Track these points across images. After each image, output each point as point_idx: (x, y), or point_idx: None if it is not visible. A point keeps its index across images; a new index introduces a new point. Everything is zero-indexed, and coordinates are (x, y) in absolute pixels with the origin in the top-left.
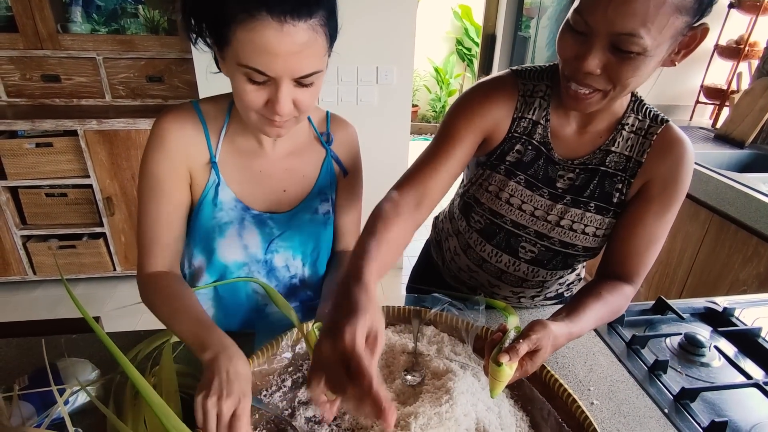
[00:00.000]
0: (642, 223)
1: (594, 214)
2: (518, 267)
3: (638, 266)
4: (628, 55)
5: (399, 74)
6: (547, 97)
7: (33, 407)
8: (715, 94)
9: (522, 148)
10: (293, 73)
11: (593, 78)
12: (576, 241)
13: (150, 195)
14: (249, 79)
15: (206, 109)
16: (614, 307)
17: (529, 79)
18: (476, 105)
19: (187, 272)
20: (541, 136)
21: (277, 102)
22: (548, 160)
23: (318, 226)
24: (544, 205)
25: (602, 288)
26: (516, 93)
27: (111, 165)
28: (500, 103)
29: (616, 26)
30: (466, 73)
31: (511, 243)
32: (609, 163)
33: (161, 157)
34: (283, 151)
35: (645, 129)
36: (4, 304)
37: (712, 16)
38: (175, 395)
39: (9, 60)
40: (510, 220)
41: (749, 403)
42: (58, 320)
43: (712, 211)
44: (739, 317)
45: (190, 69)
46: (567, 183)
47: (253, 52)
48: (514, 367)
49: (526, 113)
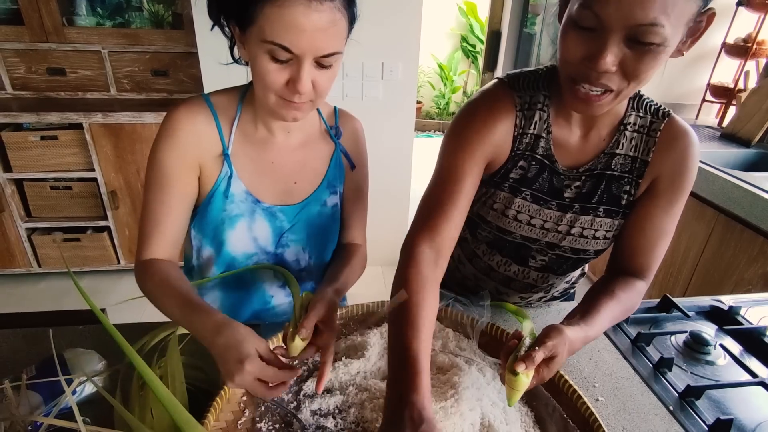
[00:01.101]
0: (650, 218)
1: (603, 218)
2: (528, 275)
3: (649, 261)
4: (648, 48)
5: (404, 70)
6: (546, 108)
7: (41, 397)
8: (722, 93)
9: (525, 164)
10: (317, 51)
11: (608, 77)
12: (587, 247)
13: (156, 184)
14: (272, 57)
15: (217, 102)
16: (628, 305)
17: (525, 90)
18: (475, 135)
19: (196, 264)
20: (544, 149)
21: (299, 80)
22: (553, 172)
23: (326, 219)
24: (553, 216)
25: (615, 286)
26: (513, 109)
27: (116, 158)
28: (499, 126)
29: (636, 17)
30: (470, 70)
31: (521, 253)
32: (615, 166)
33: (171, 147)
34: (294, 143)
35: (648, 126)
36: (9, 295)
37: (719, 14)
38: (181, 386)
39: (15, 53)
40: (519, 236)
41: (754, 402)
42: (64, 312)
43: (718, 210)
44: (745, 316)
45: (195, 63)
46: (574, 192)
47: (281, 28)
48: (531, 375)
49: (527, 129)
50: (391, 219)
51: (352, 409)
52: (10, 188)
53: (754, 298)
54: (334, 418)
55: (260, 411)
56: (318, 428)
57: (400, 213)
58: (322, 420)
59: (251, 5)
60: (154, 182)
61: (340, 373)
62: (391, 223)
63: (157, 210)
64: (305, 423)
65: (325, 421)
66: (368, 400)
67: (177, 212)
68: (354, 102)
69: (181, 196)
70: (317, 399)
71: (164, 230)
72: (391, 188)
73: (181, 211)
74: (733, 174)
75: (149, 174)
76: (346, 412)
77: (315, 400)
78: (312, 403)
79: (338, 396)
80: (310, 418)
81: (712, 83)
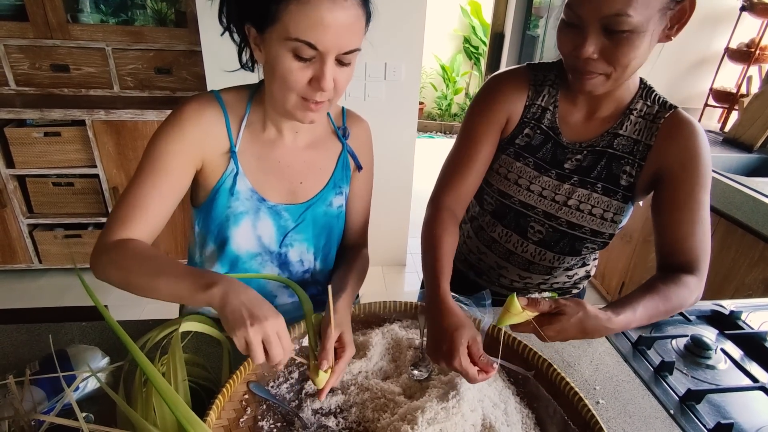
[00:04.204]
0: (677, 208)
1: (601, 196)
2: (526, 248)
3: (692, 251)
4: (621, 35)
5: (407, 71)
6: (555, 85)
7: (44, 392)
8: (725, 98)
9: (531, 132)
10: (340, 48)
11: (593, 63)
12: (583, 222)
13: (152, 169)
14: (295, 55)
15: (228, 99)
16: (673, 299)
17: (540, 70)
18: (492, 102)
19: (198, 260)
20: (550, 121)
21: (323, 77)
22: (556, 144)
23: (331, 219)
24: (551, 185)
25: (658, 280)
26: (528, 83)
27: (118, 155)
28: (514, 95)
29: (603, 10)
30: (473, 72)
31: (520, 223)
32: (617, 145)
33: (175, 138)
34: (302, 143)
35: (653, 114)
36: (10, 291)
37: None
38: (183, 383)
39: (19, 49)
40: (518, 201)
41: (755, 406)
42: (67, 308)
43: (719, 215)
44: (746, 320)
45: (198, 61)
46: (574, 164)
47: (306, 25)
48: (527, 314)
49: (536, 100)
50: (392, 220)
51: (354, 409)
52: (13, 184)
53: (755, 302)
54: (336, 417)
55: (262, 409)
56: (319, 427)
57: (402, 214)
58: (323, 419)
59: (274, 3)
60: (149, 167)
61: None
62: (392, 223)
63: (147, 194)
64: (307, 422)
65: (326, 420)
66: (370, 399)
67: (166, 201)
68: (357, 102)
69: (174, 187)
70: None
71: (148, 215)
72: (392, 189)
73: (170, 201)
74: (734, 179)
75: (147, 158)
76: (347, 411)
77: (316, 400)
78: (314, 402)
79: (340, 395)
80: (311, 417)
81: (714, 88)
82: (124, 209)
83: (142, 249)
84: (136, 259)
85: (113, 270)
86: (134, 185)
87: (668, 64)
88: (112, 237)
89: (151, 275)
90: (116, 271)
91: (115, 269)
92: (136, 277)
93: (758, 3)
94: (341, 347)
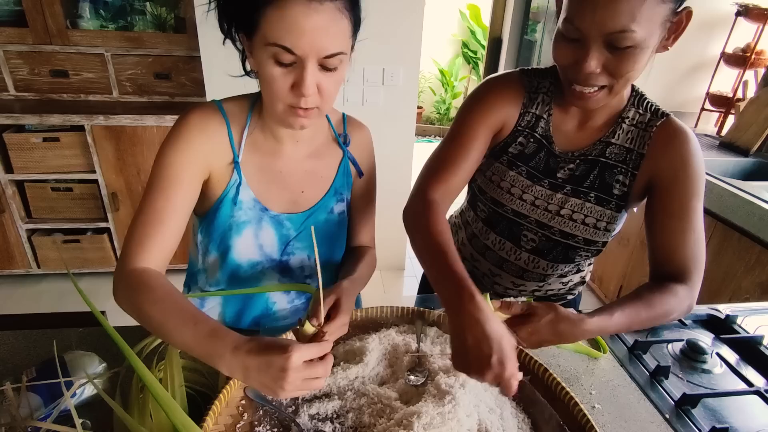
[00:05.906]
0: (670, 216)
1: (594, 205)
2: (519, 256)
3: (684, 260)
4: (625, 50)
5: (405, 76)
6: (549, 93)
7: (41, 399)
8: (721, 102)
9: (524, 140)
10: (319, 52)
11: (595, 77)
12: (576, 232)
13: (163, 185)
14: (276, 61)
15: (229, 109)
16: (658, 307)
17: (534, 77)
18: (487, 102)
19: (200, 268)
20: (543, 130)
21: (303, 82)
22: (549, 153)
23: (333, 226)
24: (544, 194)
25: (645, 287)
26: (523, 90)
27: (117, 161)
28: (510, 101)
29: (607, 26)
30: (471, 76)
31: (513, 231)
32: (609, 154)
33: (183, 151)
34: (303, 152)
35: (645, 122)
36: (8, 296)
37: (719, 24)
38: (180, 389)
39: (18, 54)
40: (511, 209)
41: (750, 411)
42: (64, 314)
43: (716, 219)
44: (742, 325)
45: (197, 67)
46: (567, 173)
47: (282, 29)
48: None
49: (530, 108)
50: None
51: (350, 414)
52: (11, 189)
53: (751, 306)
54: (332, 422)
55: (259, 415)
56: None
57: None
58: (320, 424)
59: (254, 10)
60: (159, 182)
61: (338, 378)
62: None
63: (162, 209)
64: (303, 427)
65: (323, 425)
66: (366, 405)
67: (180, 216)
68: (355, 107)
69: (186, 199)
70: (315, 404)
71: (165, 232)
72: (390, 193)
73: (183, 215)
74: (731, 183)
75: (156, 175)
76: (344, 416)
77: (313, 405)
78: (310, 408)
79: (336, 401)
80: (308, 422)
81: (711, 92)
82: (140, 229)
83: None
84: (146, 297)
85: (127, 306)
86: (146, 203)
87: (665, 69)
88: (130, 264)
89: (167, 325)
90: (130, 307)
91: (130, 306)
92: (145, 315)
93: (753, 8)
94: (336, 312)
